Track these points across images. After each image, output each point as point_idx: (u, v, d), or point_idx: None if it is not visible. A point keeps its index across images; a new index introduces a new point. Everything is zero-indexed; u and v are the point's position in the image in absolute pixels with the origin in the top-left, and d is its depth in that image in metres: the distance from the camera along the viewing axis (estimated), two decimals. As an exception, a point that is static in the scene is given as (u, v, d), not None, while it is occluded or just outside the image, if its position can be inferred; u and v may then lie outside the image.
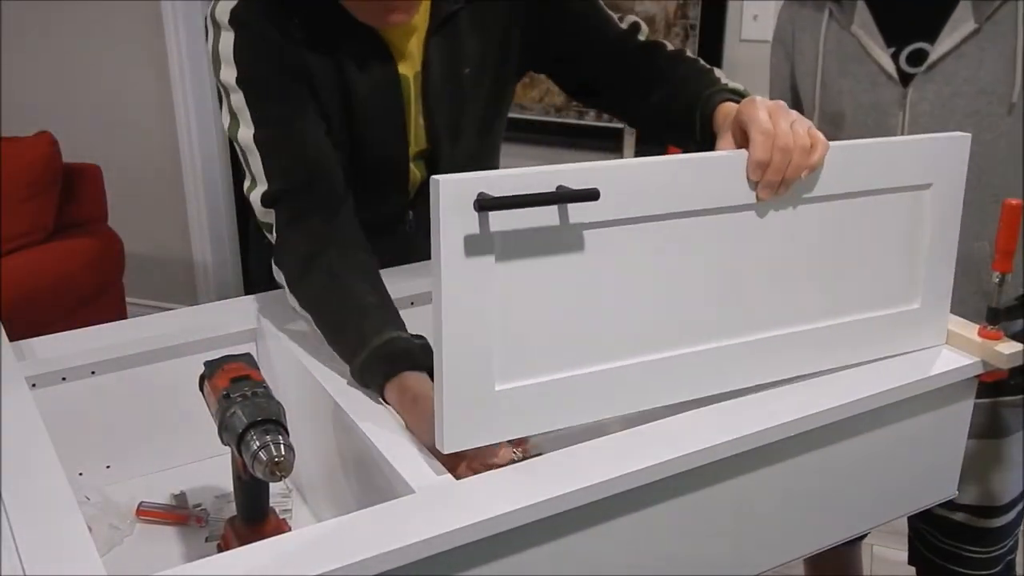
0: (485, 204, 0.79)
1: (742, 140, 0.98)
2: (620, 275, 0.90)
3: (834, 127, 1.42)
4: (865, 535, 1.80)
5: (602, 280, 0.89)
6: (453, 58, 1.25)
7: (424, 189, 1.32)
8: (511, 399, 0.87)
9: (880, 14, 1.34)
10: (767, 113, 0.95)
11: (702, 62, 1.24)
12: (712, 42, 2.58)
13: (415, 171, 1.32)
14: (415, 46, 1.23)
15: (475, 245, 0.81)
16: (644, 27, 1.31)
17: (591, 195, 0.83)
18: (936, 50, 1.29)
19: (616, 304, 0.91)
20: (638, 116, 1.32)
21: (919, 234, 1.07)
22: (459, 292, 0.82)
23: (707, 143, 1.11)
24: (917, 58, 1.32)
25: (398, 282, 1.29)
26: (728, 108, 1.09)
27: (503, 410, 0.87)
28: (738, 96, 1.12)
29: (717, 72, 1.21)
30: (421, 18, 1.22)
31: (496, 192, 0.79)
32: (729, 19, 2.57)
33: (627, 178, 0.87)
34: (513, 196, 0.80)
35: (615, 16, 1.31)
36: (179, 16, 3.18)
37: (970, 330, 1.13)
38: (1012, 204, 1.07)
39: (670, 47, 1.27)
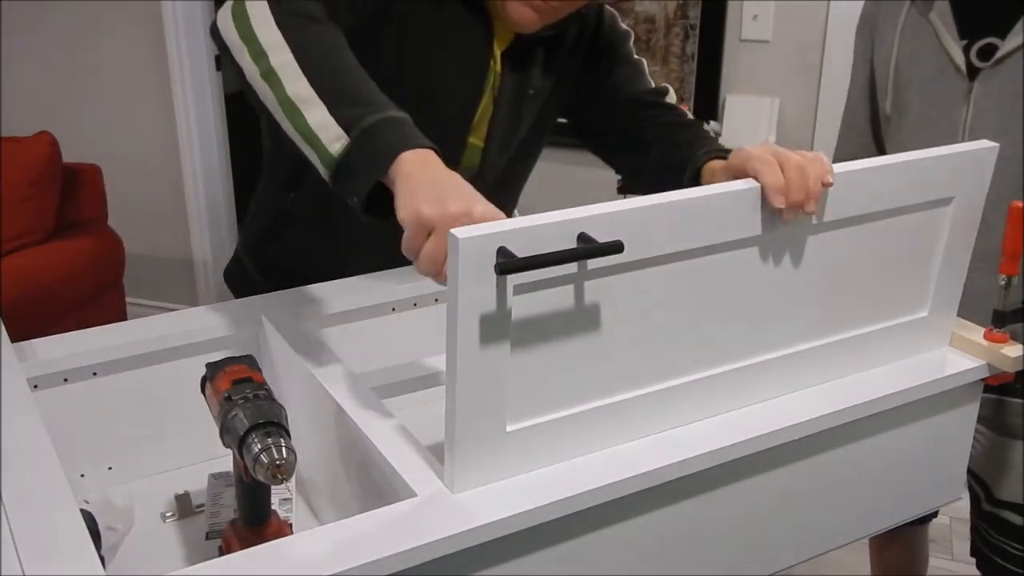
0: (506, 268, 0.77)
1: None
2: (638, 312, 0.88)
3: (899, 116, 1.41)
4: (932, 516, 1.79)
5: (618, 317, 0.87)
6: (523, 77, 1.29)
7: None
8: (522, 438, 0.87)
9: (958, 5, 1.33)
10: (759, 150, 0.95)
11: (704, 128, 1.29)
12: (712, 42, 2.58)
13: (468, 160, 1.32)
14: (500, 50, 1.27)
15: (492, 298, 0.79)
16: (671, 92, 1.36)
17: (615, 248, 0.80)
18: (1005, 46, 1.28)
19: (634, 338, 0.89)
20: (635, 170, 1.37)
21: (935, 244, 1.05)
22: (474, 343, 0.80)
23: None
24: (987, 53, 1.31)
25: (401, 283, 1.29)
26: (715, 164, 1.13)
27: (514, 449, 0.87)
28: (727, 154, 1.14)
29: (713, 136, 1.26)
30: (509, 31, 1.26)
31: (514, 245, 0.77)
32: (729, 19, 2.56)
33: (650, 220, 0.85)
34: (534, 257, 0.78)
35: (648, 75, 1.37)
36: (179, 16, 3.18)
37: (976, 333, 1.12)
38: (1018, 207, 1.06)
39: (688, 115, 1.32)
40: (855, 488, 1.08)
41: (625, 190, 1.45)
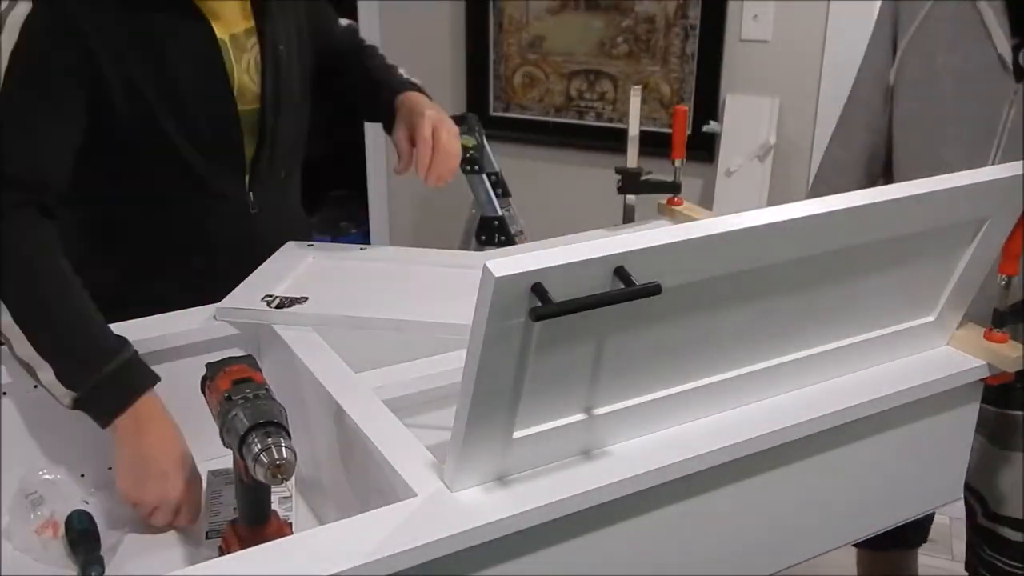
0: (540, 315, 0.75)
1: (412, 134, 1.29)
2: (657, 328, 0.87)
3: (925, 102, 1.36)
4: (922, 541, 1.78)
5: (638, 335, 0.86)
6: (271, 37, 1.33)
7: (259, 165, 1.35)
8: (526, 443, 0.87)
9: (1013, 3, 1.27)
10: (425, 125, 1.26)
11: (387, 60, 1.51)
12: (712, 42, 2.57)
13: (246, 142, 1.33)
14: (234, 11, 1.29)
15: (519, 335, 0.78)
16: (356, 27, 1.55)
17: (653, 291, 0.78)
18: None
19: (648, 350, 0.89)
20: (332, 93, 1.48)
21: (959, 257, 1.05)
22: (495, 369, 0.79)
23: (386, 119, 1.38)
24: None
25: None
26: (404, 98, 1.35)
27: (517, 452, 0.87)
28: (415, 88, 1.39)
29: (401, 69, 1.46)
30: None
31: (549, 282, 0.75)
32: (729, 19, 2.56)
33: (689, 253, 0.82)
34: (568, 302, 0.76)
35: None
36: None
37: (976, 333, 1.12)
38: (1017, 208, 1.06)
39: (374, 48, 1.53)
40: (855, 488, 1.08)
41: (624, 190, 1.44)
